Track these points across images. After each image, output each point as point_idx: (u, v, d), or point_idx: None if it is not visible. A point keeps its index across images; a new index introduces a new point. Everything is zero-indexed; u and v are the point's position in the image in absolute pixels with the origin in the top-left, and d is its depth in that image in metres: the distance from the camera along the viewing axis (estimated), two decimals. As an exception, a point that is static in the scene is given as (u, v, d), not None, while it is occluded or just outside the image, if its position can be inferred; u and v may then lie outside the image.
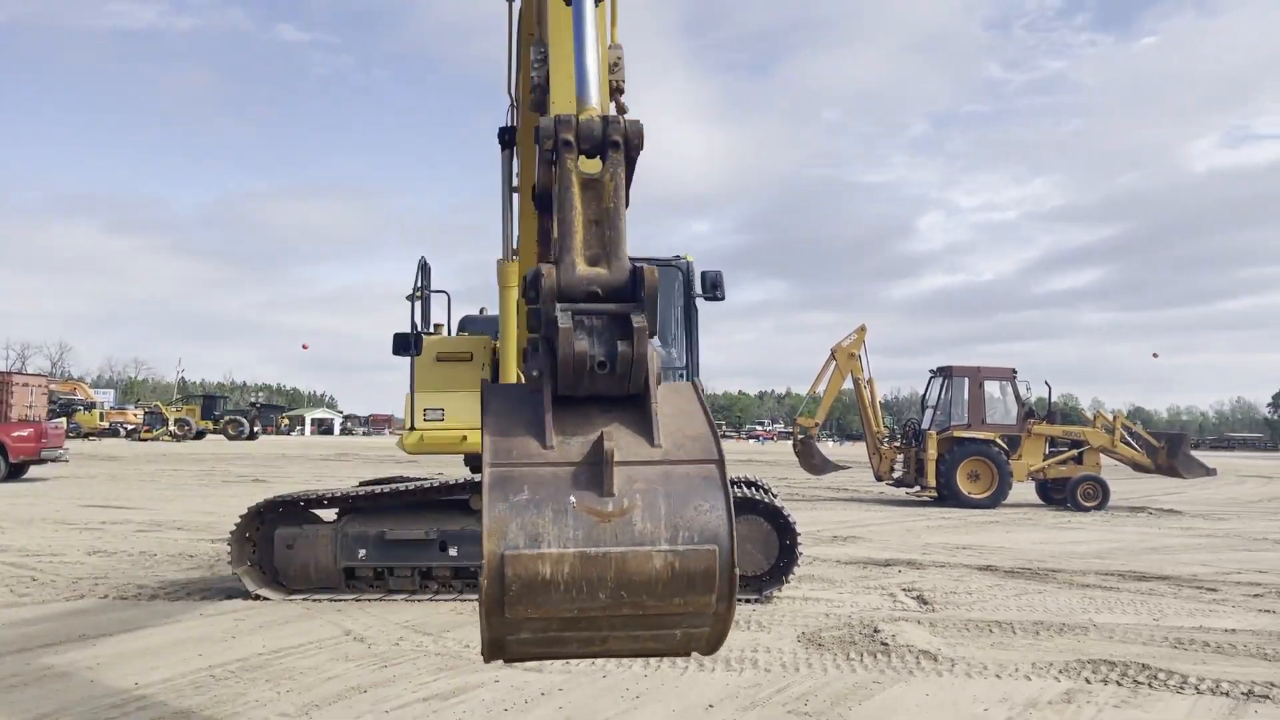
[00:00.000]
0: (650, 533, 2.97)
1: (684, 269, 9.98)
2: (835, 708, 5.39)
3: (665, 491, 3.04)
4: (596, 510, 3.00)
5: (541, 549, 2.89)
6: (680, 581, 2.97)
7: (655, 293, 3.16)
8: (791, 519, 8.52)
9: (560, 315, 3.09)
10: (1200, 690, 5.74)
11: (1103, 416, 21.60)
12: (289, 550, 8.60)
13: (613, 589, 2.95)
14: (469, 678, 5.97)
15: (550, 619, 2.97)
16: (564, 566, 2.90)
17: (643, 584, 2.96)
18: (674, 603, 3.01)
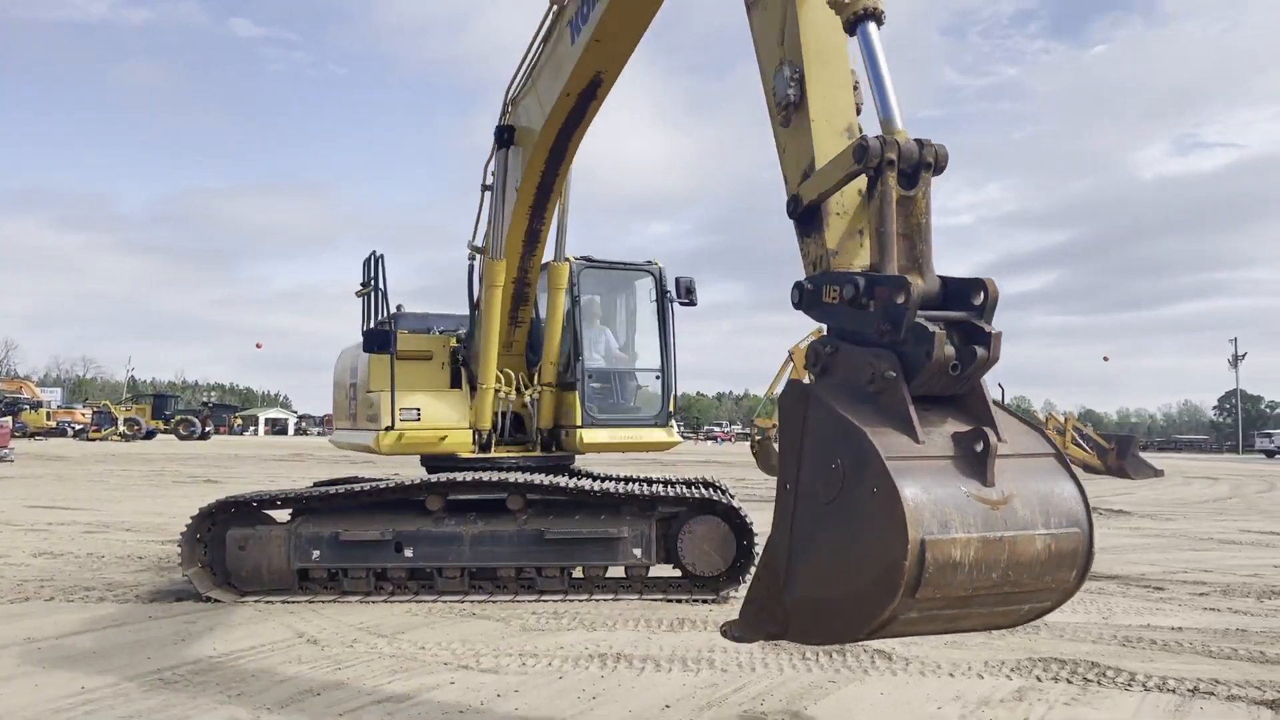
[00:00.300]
0: (1030, 518, 3.40)
1: (657, 274, 10.10)
2: (791, 707, 5.42)
3: (1031, 480, 3.49)
4: (987, 499, 3.40)
5: (953, 534, 3.26)
6: (1054, 561, 3.44)
7: (996, 303, 3.70)
8: (749, 519, 8.56)
9: (928, 323, 3.54)
10: (1148, 687, 5.84)
11: (1054, 418, 21.97)
12: (241, 551, 8.48)
13: (1003, 570, 3.36)
14: (424, 679, 5.92)
15: (945, 598, 3.35)
16: (970, 550, 3.28)
17: (1025, 564, 3.39)
18: (1044, 580, 3.48)
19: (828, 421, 3.77)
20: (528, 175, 8.24)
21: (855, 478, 3.56)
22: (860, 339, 3.92)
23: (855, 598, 3.57)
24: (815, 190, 4.38)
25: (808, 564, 3.93)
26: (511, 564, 8.54)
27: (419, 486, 8.62)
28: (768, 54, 4.85)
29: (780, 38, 4.71)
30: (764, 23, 4.89)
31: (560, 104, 7.50)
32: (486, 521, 8.58)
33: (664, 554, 8.66)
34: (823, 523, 3.81)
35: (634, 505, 8.68)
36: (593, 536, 8.50)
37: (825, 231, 4.40)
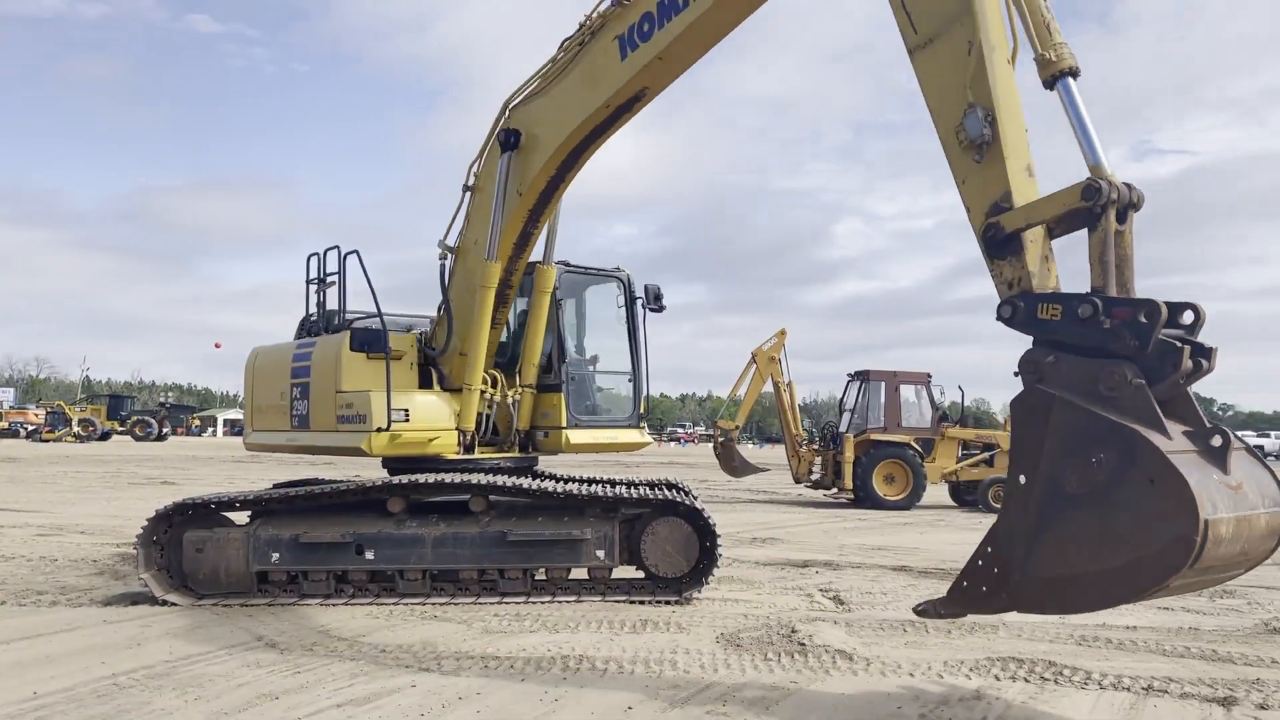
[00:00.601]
0: (1256, 500, 4.33)
1: (625, 280, 10.32)
2: (753, 708, 5.44)
3: (1247, 468, 4.45)
4: (1230, 485, 4.27)
5: (1220, 515, 4.12)
6: (1269, 534, 4.40)
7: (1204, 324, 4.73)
8: (712, 521, 8.58)
9: (1174, 340, 4.51)
10: (1103, 686, 5.92)
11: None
12: (199, 554, 8.36)
13: (1243, 544, 4.26)
14: (385, 683, 5.87)
15: (1205, 568, 4.28)
16: (1230, 528, 4.15)
17: (1256, 538, 4.32)
18: (1261, 550, 4.45)
19: (1084, 422, 4.55)
20: (537, 179, 8.48)
21: (1124, 469, 4.36)
22: (1082, 350, 4.75)
23: (1127, 570, 4.40)
24: (1024, 220, 5.14)
25: (1051, 546, 4.67)
26: (474, 566, 8.49)
27: (380, 488, 8.56)
28: (952, 97, 5.53)
29: (967, 84, 5.40)
30: (940, 69, 5.61)
31: (595, 114, 7.91)
32: (449, 523, 8.52)
33: (627, 555, 8.66)
34: (1071, 509, 4.56)
35: (597, 507, 8.68)
36: (556, 538, 8.48)
37: (1025, 255, 5.17)
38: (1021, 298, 5.12)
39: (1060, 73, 5.30)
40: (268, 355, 10.21)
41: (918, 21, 5.74)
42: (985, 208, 5.36)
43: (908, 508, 19.81)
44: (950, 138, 5.57)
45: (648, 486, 9.41)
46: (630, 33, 7.55)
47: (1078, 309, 4.79)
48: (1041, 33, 5.43)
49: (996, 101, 5.30)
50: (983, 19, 5.43)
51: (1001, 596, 4.96)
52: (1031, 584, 4.79)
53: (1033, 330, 5.07)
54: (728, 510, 18.84)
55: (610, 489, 8.94)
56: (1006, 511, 4.95)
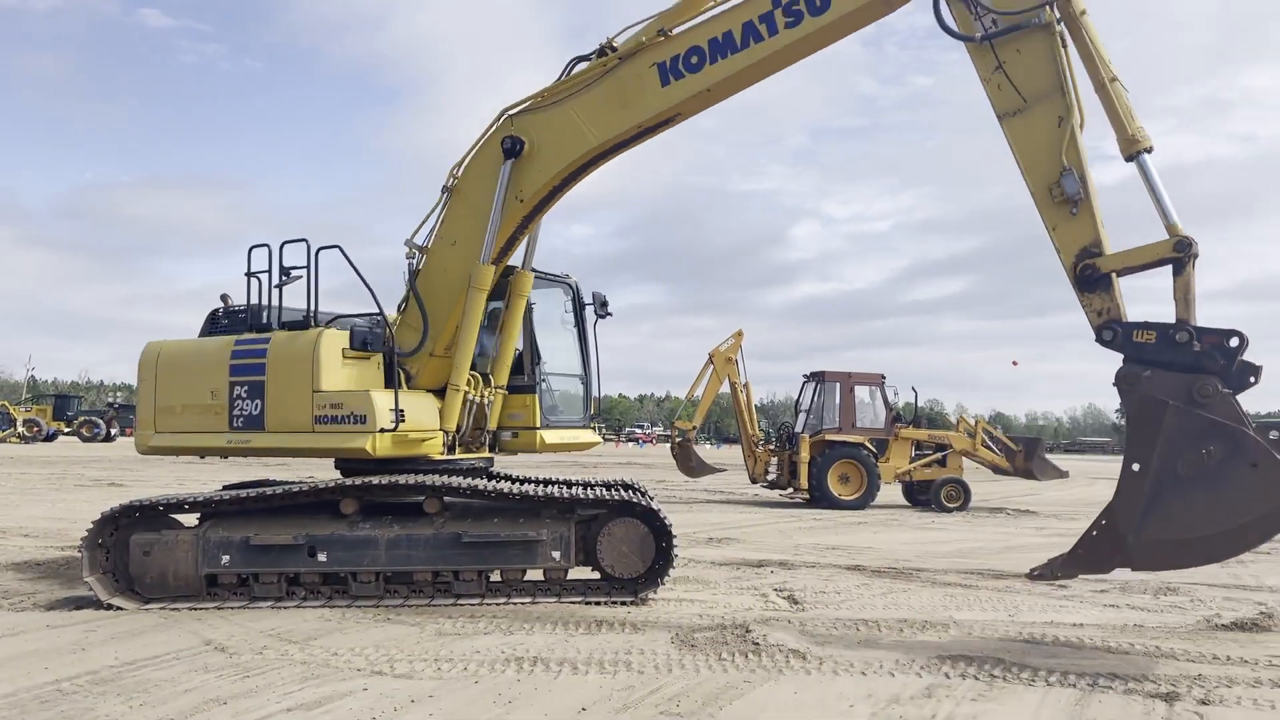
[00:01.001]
0: None
1: (574, 286, 10.53)
2: (706, 708, 5.45)
3: None
4: None
5: None
6: None
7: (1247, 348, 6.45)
8: (668, 521, 8.59)
9: (1251, 360, 6.32)
10: (1050, 683, 6.02)
11: (965, 421, 22.48)
12: (146, 557, 8.22)
13: None
14: (336, 686, 5.82)
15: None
16: None
17: None
18: None
19: (1196, 421, 6.21)
20: (541, 187, 8.79)
21: (1230, 457, 6.12)
22: (1170, 366, 6.40)
23: (1234, 536, 6.24)
24: (1121, 264, 6.77)
25: (1167, 516, 6.31)
26: (428, 568, 8.43)
27: (333, 489, 8.47)
28: (1044, 159, 7.02)
29: (1062, 150, 6.95)
30: (1033, 135, 7.08)
31: (623, 133, 8.48)
32: (403, 525, 8.46)
33: (583, 556, 8.65)
34: (1184, 490, 6.26)
35: (553, 508, 8.66)
36: (511, 539, 8.45)
37: (1114, 290, 6.80)
38: (1118, 324, 6.68)
39: (1141, 150, 6.85)
40: (177, 351, 9.43)
41: (1008, 97, 7.14)
42: (1076, 251, 6.90)
43: (862, 507, 19.98)
44: (1043, 192, 7.02)
45: (604, 487, 9.42)
46: (674, 62, 8.19)
47: (1175, 335, 6.42)
48: (1126, 115, 6.93)
49: (1085, 163, 6.88)
50: (1071, 98, 6.97)
51: (1117, 558, 6.59)
52: (1145, 546, 6.42)
53: (1129, 351, 6.63)
54: (684, 510, 18.89)
55: (567, 490, 8.94)
56: (1121, 491, 6.50)
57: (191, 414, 9.12)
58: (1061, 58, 7.07)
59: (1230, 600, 9.14)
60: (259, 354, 8.89)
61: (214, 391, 9.01)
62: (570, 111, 8.63)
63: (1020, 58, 7.15)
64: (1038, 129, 7.08)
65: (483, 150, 9.06)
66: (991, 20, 7.22)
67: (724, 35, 8.02)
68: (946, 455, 21.01)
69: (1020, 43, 7.15)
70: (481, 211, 8.91)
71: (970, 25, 7.37)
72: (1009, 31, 7.14)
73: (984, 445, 21.46)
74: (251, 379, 8.85)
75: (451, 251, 9.10)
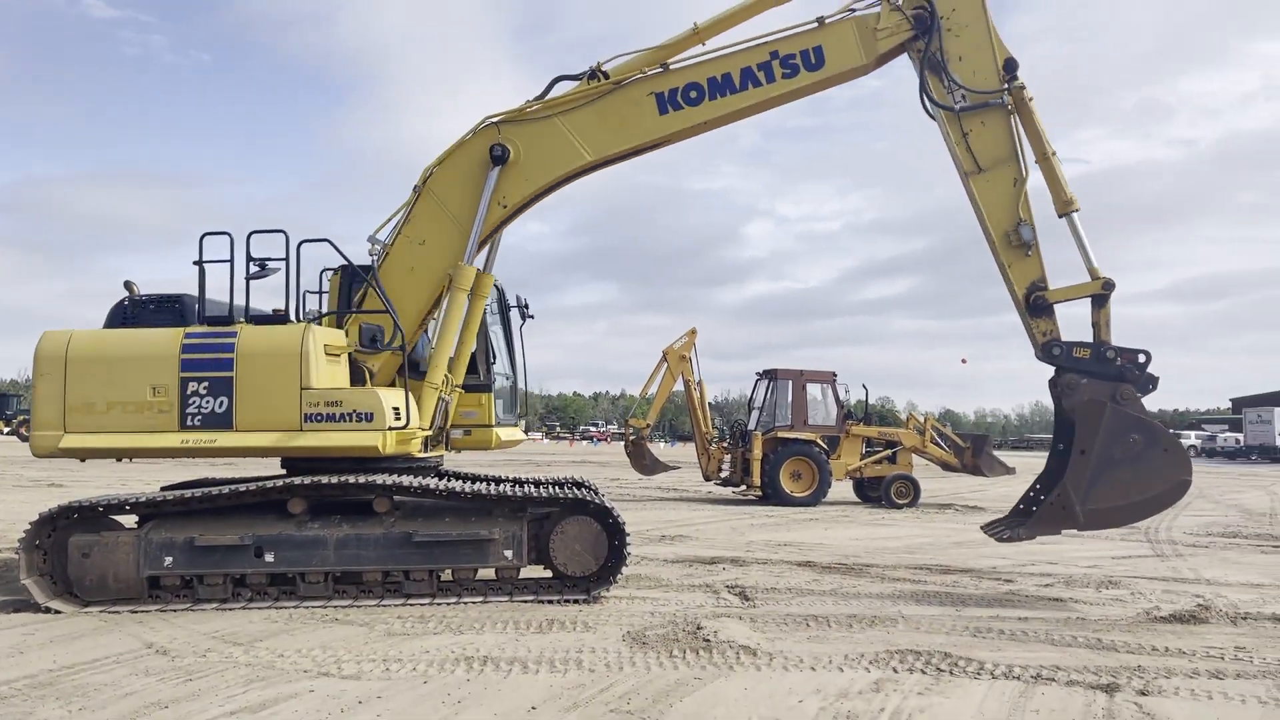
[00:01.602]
0: None
1: (499, 288, 10.69)
2: (657, 705, 5.46)
3: None
4: None
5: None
6: None
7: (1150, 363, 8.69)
8: (620, 519, 8.59)
9: (1151, 372, 8.50)
10: (995, 675, 6.11)
11: (914, 419, 22.74)
12: (85, 559, 8.04)
13: None
14: (281, 688, 5.73)
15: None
16: None
17: None
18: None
19: (1125, 418, 8.35)
20: (529, 194, 9.24)
21: (1149, 444, 8.33)
22: (1095, 374, 8.50)
23: (1152, 501, 8.41)
24: (1063, 296, 8.74)
25: (1104, 488, 8.31)
26: (378, 568, 8.34)
27: (281, 489, 8.34)
28: (1005, 213, 8.83)
29: (1018, 206, 8.79)
30: (995, 190, 8.85)
31: (618, 153, 9.21)
32: (352, 524, 8.36)
33: (535, 555, 8.62)
34: (1116, 468, 8.30)
35: (506, 506, 8.62)
36: (462, 538, 8.39)
37: (1054, 318, 8.75)
38: (1061, 343, 8.64)
39: (1072, 210, 8.80)
40: (94, 343, 8.64)
41: (975, 160, 8.86)
42: (1027, 285, 8.78)
43: (813, 504, 20.13)
44: (1002, 238, 8.83)
45: (556, 485, 9.40)
46: (672, 94, 9.07)
47: (1105, 352, 8.51)
48: (1062, 182, 8.78)
49: (1033, 216, 8.77)
50: (1023, 164, 8.81)
51: (1066, 521, 8.42)
52: (1091, 512, 8.34)
53: (1069, 364, 8.60)
54: (638, 508, 18.90)
55: (520, 488, 8.91)
56: (1073, 469, 8.37)
57: (121, 412, 8.41)
58: (1015, 132, 8.85)
59: (1169, 593, 9.34)
60: (223, 348, 8.45)
61: (156, 387, 8.47)
62: (561, 127, 9.17)
63: (984, 129, 8.87)
64: (998, 187, 8.86)
65: (460, 154, 9.27)
66: (961, 95, 8.86)
67: (723, 76, 9.05)
68: (896, 452, 21.22)
69: (984, 117, 8.87)
70: (454, 213, 9.19)
71: (945, 97, 8.92)
72: (977, 108, 8.83)
73: (933, 442, 21.71)
74: (213, 374, 8.39)
75: (419, 250, 9.22)
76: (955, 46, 8.91)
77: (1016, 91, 8.80)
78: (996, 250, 8.85)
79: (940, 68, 8.90)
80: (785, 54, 8.98)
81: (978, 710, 5.42)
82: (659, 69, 9.13)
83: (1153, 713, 5.38)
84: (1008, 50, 8.86)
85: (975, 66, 8.86)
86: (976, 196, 8.87)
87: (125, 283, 9.26)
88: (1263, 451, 54.35)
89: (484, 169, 9.15)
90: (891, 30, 9.01)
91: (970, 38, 8.90)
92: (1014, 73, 8.80)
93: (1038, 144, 8.82)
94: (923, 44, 8.95)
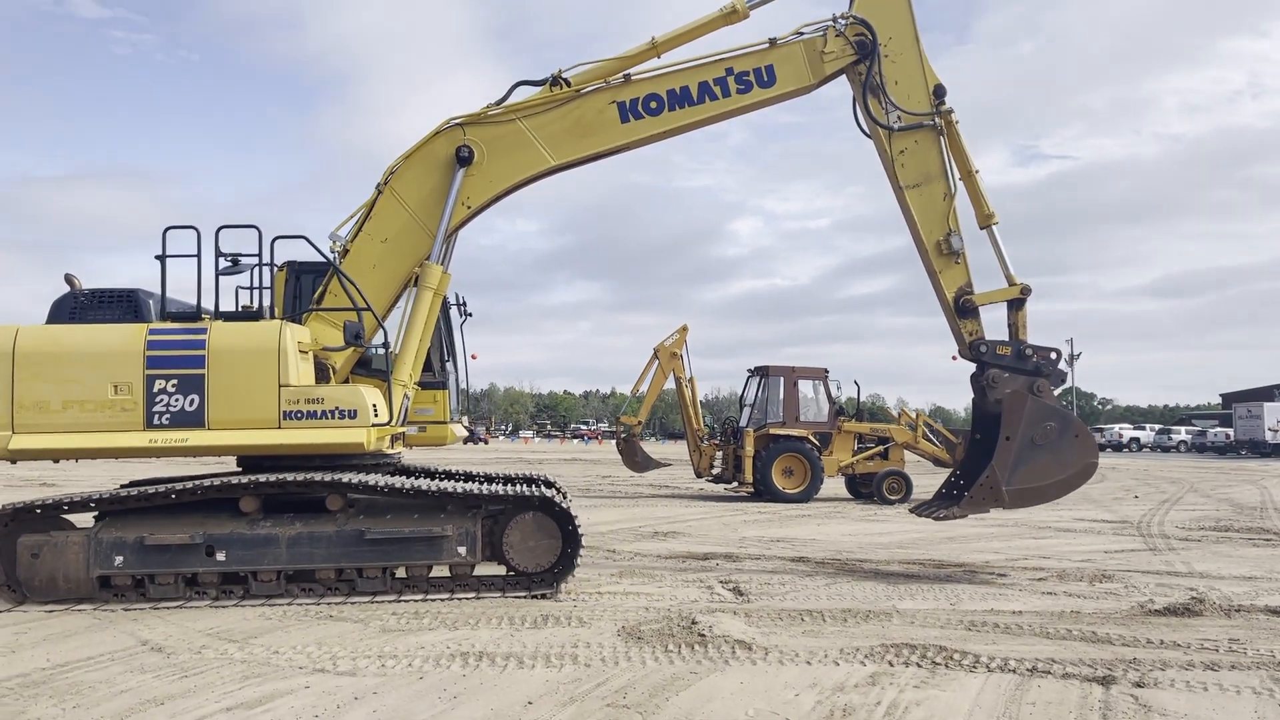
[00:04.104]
0: None
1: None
2: (653, 699, 5.45)
3: None
4: None
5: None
6: None
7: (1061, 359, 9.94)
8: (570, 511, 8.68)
9: (1063, 367, 9.84)
10: (991, 669, 6.12)
11: (906, 415, 22.78)
12: (34, 559, 7.96)
13: None
14: (277, 684, 5.71)
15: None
16: None
17: None
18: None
19: (1044, 408, 9.45)
20: (493, 195, 9.49)
21: (1063, 430, 9.45)
22: (1015, 369, 9.56)
23: (1066, 482, 9.51)
24: (988, 300, 9.81)
25: (1026, 471, 9.34)
26: (330, 565, 8.29)
27: (234, 486, 8.27)
28: (936, 223, 9.79)
29: (946, 217, 9.77)
30: (927, 203, 9.80)
31: (582, 158, 9.59)
32: (305, 523, 8.32)
33: (489, 551, 8.65)
34: (1036, 453, 9.37)
35: (459, 503, 8.67)
36: (415, 535, 8.35)
37: (979, 320, 9.80)
38: (985, 343, 9.67)
39: (992, 224, 9.85)
40: (44, 339, 8.23)
41: (909, 174, 9.79)
42: (956, 289, 9.78)
43: (806, 500, 20.16)
44: (934, 246, 9.77)
45: (508, 482, 9.49)
46: (633, 104, 9.54)
47: (1023, 350, 9.59)
48: (984, 198, 9.85)
49: (961, 227, 9.77)
50: (951, 181, 9.79)
51: (993, 501, 9.37)
52: (1015, 492, 9.35)
53: (992, 360, 9.63)
54: (630, 505, 18.90)
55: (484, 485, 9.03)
56: (999, 454, 9.33)
57: (79, 411, 8.08)
58: (945, 150, 9.76)
59: (1163, 586, 9.37)
60: (193, 345, 8.27)
61: (119, 385, 8.14)
62: (524, 131, 9.48)
63: (917, 147, 9.79)
64: (931, 200, 9.82)
65: (423, 153, 9.43)
66: (897, 116, 9.77)
67: (681, 89, 9.61)
68: (888, 448, 21.26)
69: (917, 136, 9.79)
70: (415, 211, 9.37)
71: (883, 116, 9.80)
72: (911, 128, 9.74)
73: (924, 438, 21.75)
74: (182, 371, 8.18)
75: (382, 248, 9.37)
76: (891, 71, 9.79)
77: (945, 115, 9.72)
78: (928, 257, 9.82)
79: (879, 90, 9.78)
80: (739, 70, 9.69)
81: (974, 703, 5.43)
82: (621, 79, 9.56)
83: (1148, 704, 5.39)
84: (937, 77, 9.81)
85: (909, 90, 9.79)
86: (911, 208, 9.80)
87: (66, 276, 8.87)
88: (1252, 446, 54.49)
89: (446, 169, 9.38)
90: (837, 54, 9.80)
91: (904, 64, 9.80)
92: (943, 97, 9.74)
93: (962, 162, 9.80)
94: (863, 67, 9.78)
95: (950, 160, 9.79)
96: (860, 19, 9.76)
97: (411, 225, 9.36)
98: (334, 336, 9.07)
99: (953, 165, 9.79)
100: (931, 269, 9.82)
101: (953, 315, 9.79)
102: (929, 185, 9.76)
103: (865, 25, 9.75)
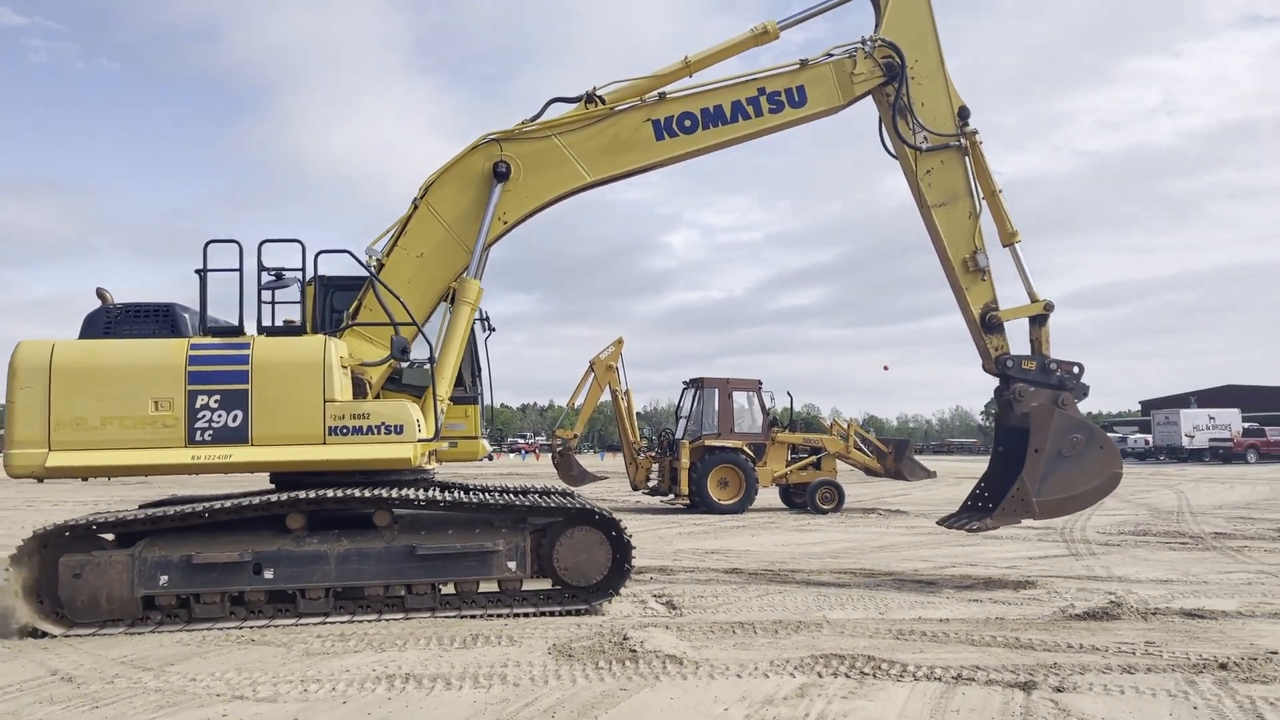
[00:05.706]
0: None
1: None
2: (582, 717, 5.40)
3: None
4: None
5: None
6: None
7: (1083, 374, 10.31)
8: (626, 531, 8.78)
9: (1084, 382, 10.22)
10: (917, 677, 6.18)
11: (838, 425, 23.04)
12: (77, 579, 7.72)
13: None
14: (193, 713, 5.54)
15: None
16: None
17: None
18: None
19: (1070, 421, 9.70)
20: (530, 210, 9.63)
21: (1089, 442, 9.73)
22: (1039, 384, 9.85)
23: (1093, 492, 9.75)
24: (1011, 316, 10.05)
25: (1054, 481, 9.56)
26: (379, 582, 8.23)
27: (280, 504, 8.14)
28: (963, 242, 10.01)
29: (972, 235, 10.02)
30: (953, 222, 10.04)
31: (619, 174, 9.77)
32: (352, 539, 8.22)
33: (538, 566, 8.65)
34: (1063, 464, 9.59)
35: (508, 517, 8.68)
36: (466, 551, 8.32)
37: (1003, 335, 10.02)
38: (1010, 358, 9.94)
39: (1015, 241, 10.16)
40: (82, 354, 8.08)
41: (935, 194, 10.01)
42: (982, 306, 10.02)
43: (740, 511, 20.25)
44: (961, 264, 10.00)
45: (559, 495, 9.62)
46: (668, 122, 9.72)
47: (1048, 364, 9.90)
48: (1005, 218, 10.16)
49: (986, 243, 10.01)
50: (976, 200, 10.04)
51: (1025, 512, 9.60)
52: (1045, 503, 9.56)
53: (1017, 374, 9.91)
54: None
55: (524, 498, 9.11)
56: (1029, 466, 9.53)
57: (118, 427, 7.90)
58: (970, 170, 10.03)
59: (1084, 591, 9.58)
60: (236, 360, 8.11)
61: (160, 401, 7.98)
62: (560, 147, 9.62)
63: (943, 167, 10.04)
64: (957, 219, 10.04)
65: (459, 168, 9.51)
66: (924, 137, 9.99)
67: (715, 108, 9.82)
68: (821, 458, 21.47)
69: (943, 156, 10.04)
70: (451, 226, 9.42)
71: (911, 136, 10.01)
72: (938, 148, 10.00)
73: (856, 448, 22.03)
74: (225, 387, 8.02)
75: (417, 263, 9.40)
76: (918, 93, 10.04)
77: (970, 135, 10.03)
78: (954, 274, 10.04)
79: (907, 111, 9.99)
80: (771, 90, 9.89)
81: (900, 712, 5.47)
82: (655, 97, 9.74)
83: (1068, 709, 5.49)
84: (961, 99, 10.06)
85: (935, 112, 10.02)
86: (937, 227, 10.02)
87: (98, 290, 8.79)
88: (1170, 452, 56.18)
89: (483, 184, 9.47)
90: (866, 76, 10.00)
91: (930, 86, 10.05)
92: (967, 118, 10.02)
93: (986, 182, 10.10)
94: (891, 89, 9.99)
95: (974, 180, 10.05)
96: (889, 41, 9.96)
97: (448, 240, 9.43)
98: (368, 351, 9.05)
99: (977, 185, 10.06)
100: (957, 285, 10.06)
101: (978, 331, 10.01)
102: (955, 204, 10.00)
103: (893, 48, 9.95)
